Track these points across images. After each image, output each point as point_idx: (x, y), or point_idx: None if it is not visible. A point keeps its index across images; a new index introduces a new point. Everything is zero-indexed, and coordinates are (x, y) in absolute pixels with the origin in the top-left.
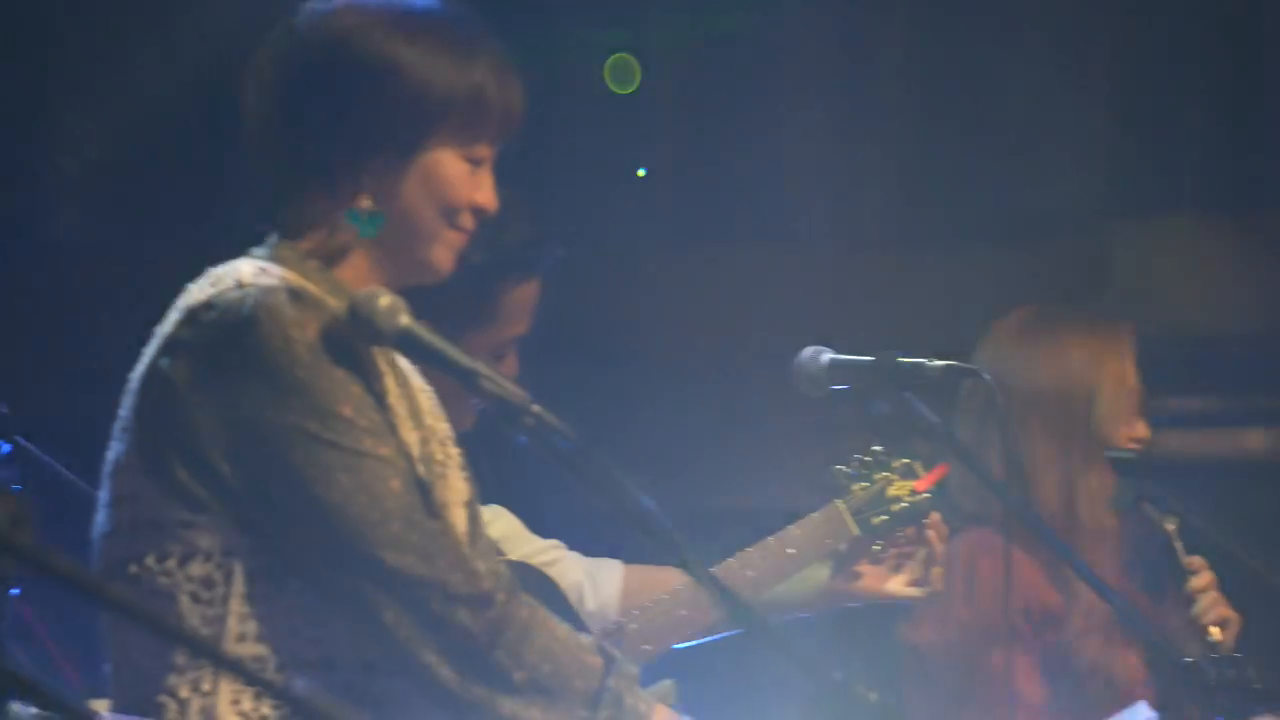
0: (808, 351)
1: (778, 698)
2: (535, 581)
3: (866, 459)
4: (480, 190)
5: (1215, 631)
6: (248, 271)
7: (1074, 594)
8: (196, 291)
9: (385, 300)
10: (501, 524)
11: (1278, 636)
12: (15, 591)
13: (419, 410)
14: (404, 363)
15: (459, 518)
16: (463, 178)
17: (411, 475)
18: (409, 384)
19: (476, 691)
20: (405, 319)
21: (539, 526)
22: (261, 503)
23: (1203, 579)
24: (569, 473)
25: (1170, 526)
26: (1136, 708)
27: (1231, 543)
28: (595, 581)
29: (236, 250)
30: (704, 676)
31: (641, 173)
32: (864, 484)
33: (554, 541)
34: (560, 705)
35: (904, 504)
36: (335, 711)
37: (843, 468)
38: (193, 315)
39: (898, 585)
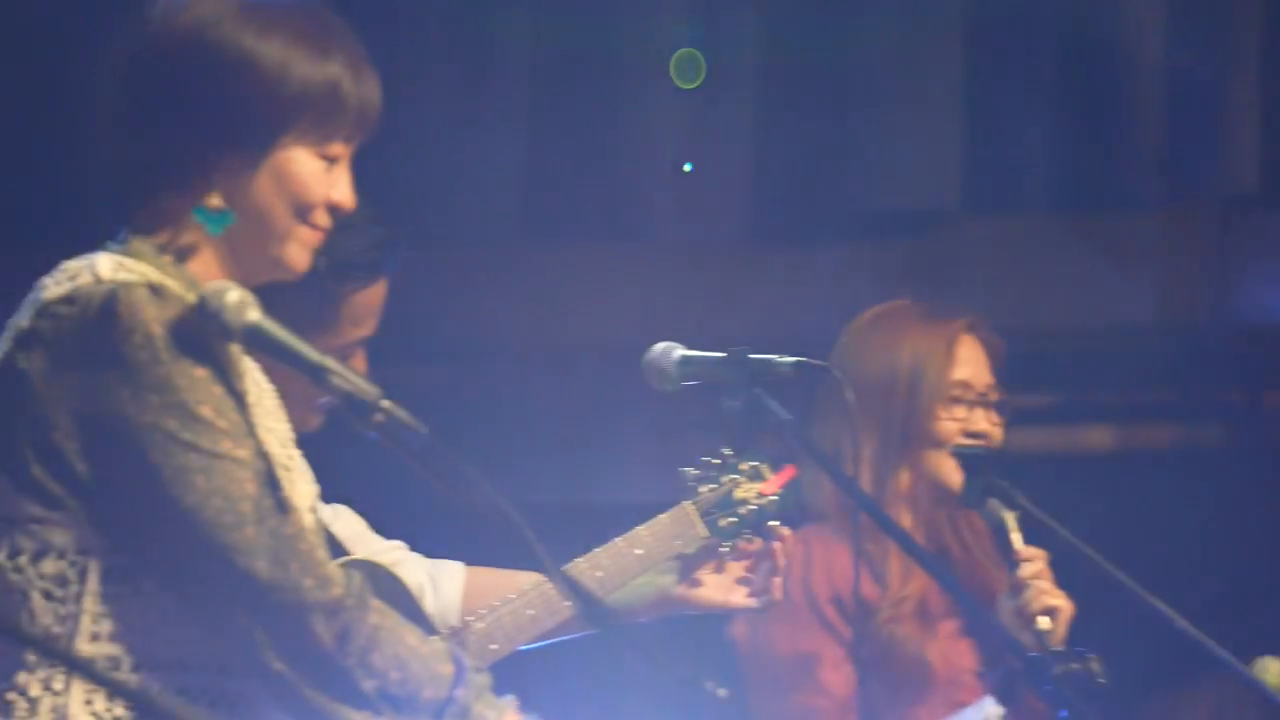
0: (658, 347)
1: (628, 697)
2: (384, 581)
3: (715, 461)
4: (336, 188)
5: (1043, 621)
6: (106, 266)
7: (887, 584)
8: (52, 285)
9: (234, 295)
10: (344, 524)
11: (1119, 632)
12: None
13: (268, 411)
14: (252, 363)
15: (308, 521)
16: (317, 175)
17: (268, 478)
18: (260, 384)
19: (324, 700)
20: (254, 314)
21: (383, 528)
22: (117, 502)
23: (1031, 568)
24: (420, 469)
25: (1008, 517)
26: (982, 703)
27: (1073, 538)
28: (437, 583)
29: (89, 245)
30: (553, 678)
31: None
32: (712, 486)
33: (397, 542)
34: (408, 715)
35: (752, 506)
36: (186, 713)
37: (691, 470)
38: (50, 309)
39: (739, 596)
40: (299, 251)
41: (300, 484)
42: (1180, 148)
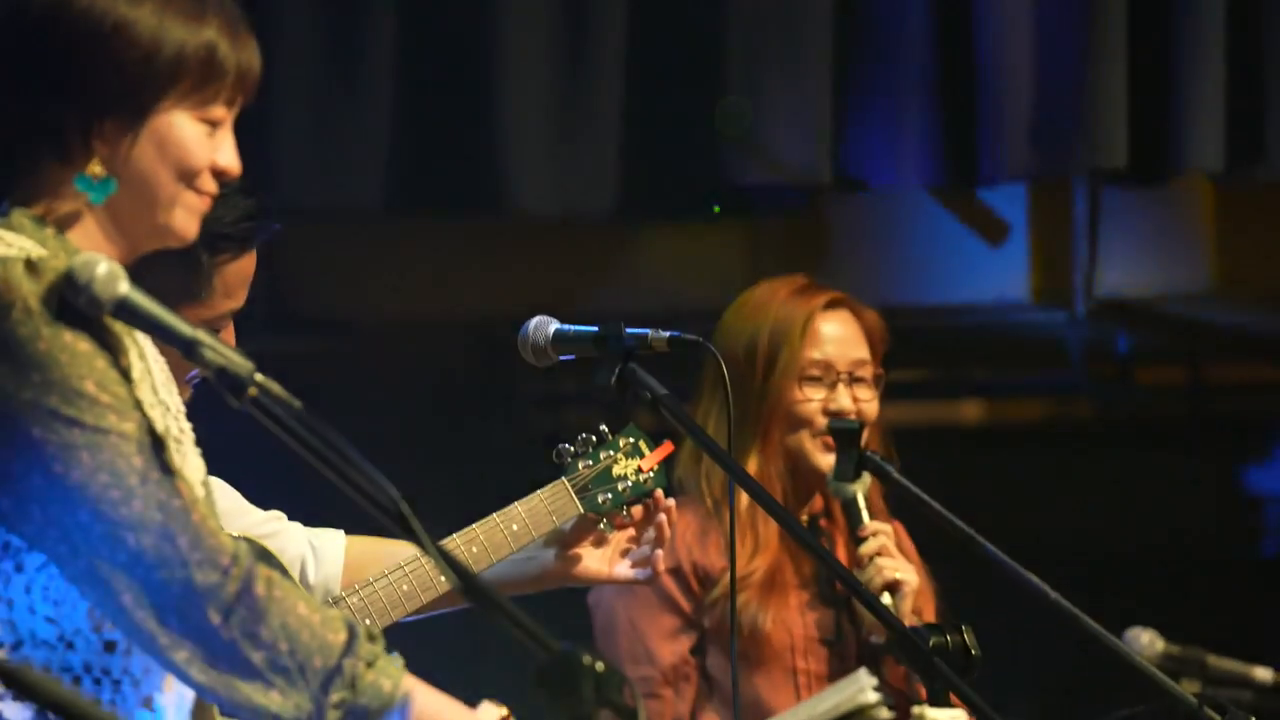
0: (533, 322)
1: (501, 672)
2: (260, 556)
3: (592, 438)
4: (220, 152)
5: (885, 597)
6: None
7: (736, 557)
8: None
9: (103, 268)
10: (218, 497)
11: (990, 605)
12: None
13: (157, 384)
14: (142, 335)
15: (198, 494)
16: (199, 140)
17: (154, 452)
18: (147, 357)
19: (214, 675)
20: (123, 287)
21: (261, 500)
22: (0, 479)
23: (874, 544)
24: (293, 444)
25: (856, 492)
26: (857, 675)
27: (944, 512)
28: (318, 554)
29: None
30: (429, 652)
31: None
32: (589, 462)
33: (275, 513)
34: (299, 685)
35: (629, 482)
36: (65, 692)
37: (568, 446)
38: None
39: (621, 570)
40: (186, 218)
41: (191, 457)
42: (1049, 122)
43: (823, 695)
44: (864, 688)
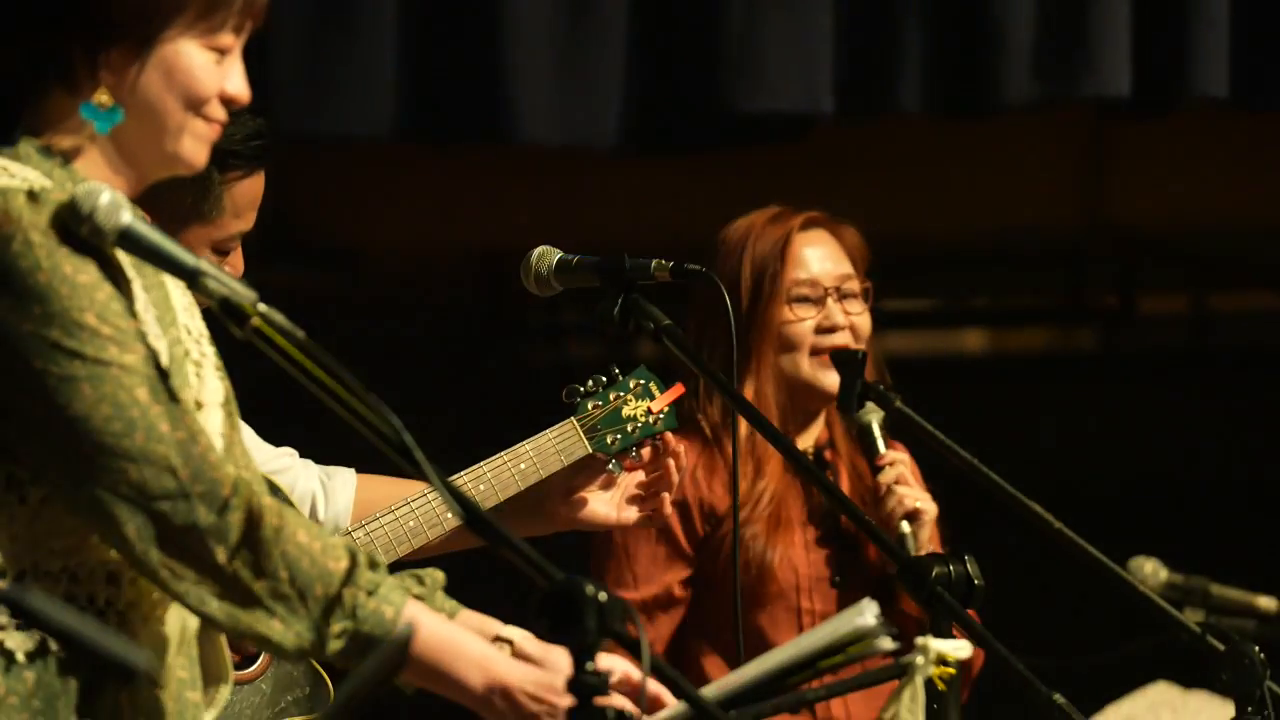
0: (536, 252)
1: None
2: (263, 486)
3: (602, 378)
4: (229, 80)
5: (904, 526)
6: None
7: (741, 490)
8: None
9: (106, 197)
10: None
11: (994, 534)
12: None
13: (172, 310)
14: None
15: (215, 419)
16: (207, 68)
17: (158, 383)
18: (163, 284)
19: (216, 604)
20: (126, 216)
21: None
22: (2, 411)
23: (892, 473)
24: (295, 373)
25: (872, 420)
26: (861, 604)
27: (947, 441)
28: (328, 491)
29: None
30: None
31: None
32: (599, 402)
33: (286, 449)
34: (301, 614)
35: (639, 423)
36: (74, 621)
37: (578, 386)
38: None
39: (629, 513)
40: (194, 146)
41: (211, 380)
42: (1052, 50)
43: (825, 624)
44: (865, 614)
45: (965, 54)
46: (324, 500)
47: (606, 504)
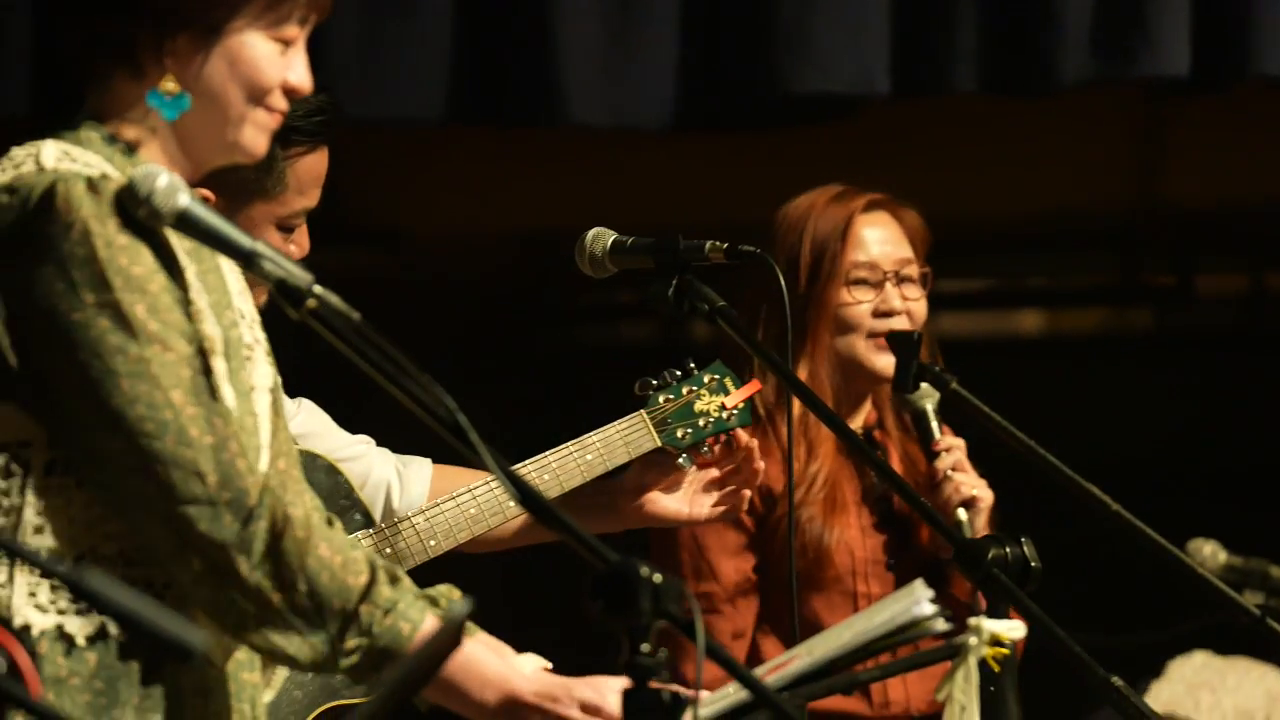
0: (590, 233)
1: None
2: (321, 474)
3: (676, 372)
4: (292, 71)
5: (960, 513)
6: (50, 155)
7: (795, 471)
8: None
9: (163, 180)
10: (305, 418)
11: (1049, 515)
12: None
13: (228, 294)
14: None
15: (263, 403)
16: (271, 58)
17: (197, 383)
18: (219, 267)
19: (232, 614)
20: (183, 199)
21: (352, 424)
22: (50, 396)
23: (950, 459)
24: (351, 355)
25: (927, 405)
26: (913, 586)
27: (1003, 422)
28: (404, 480)
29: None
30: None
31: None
32: (671, 396)
33: (362, 437)
34: (317, 629)
35: (711, 419)
36: (130, 601)
37: (651, 379)
38: None
39: (701, 508)
40: (255, 135)
41: (261, 365)
42: (1110, 29)
43: (879, 606)
44: (919, 599)
45: (1021, 33)
46: (399, 489)
47: (678, 500)
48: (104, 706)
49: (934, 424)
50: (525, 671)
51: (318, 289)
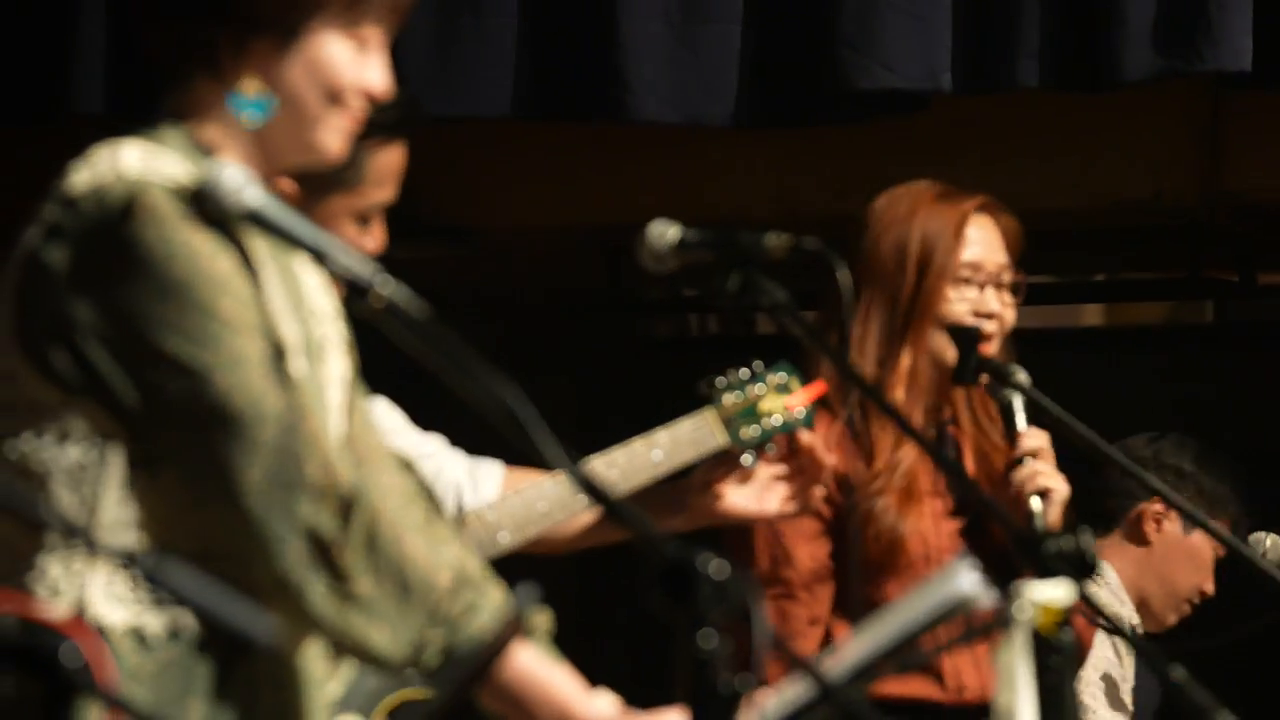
0: (654, 227)
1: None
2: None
3: (742, 371)
4: (370, 72)
5: (1035, 502)
6: (128, 158)
7: (875, 456)
8: (75, 175)
9: (235, 177)
10: (378, 416)
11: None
12: None
13: (303, 289)
14: None
15: (336, 397)
16: (348, 60)
17: (280, 374)
18: (298, 264)
19: (323, 606)
20: (255, 195)
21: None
22: (138, 397)
23: (1029, 445)
24: (422, 353)
25: (1015, 398)
26: (959, 564)
27: (1065, 415)
28: (475, 480)
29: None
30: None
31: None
32: (737, 395)
33: (435, 435)
34: (404, 624)
35: (777, 418)
36: (203, 592)
37: (717, 378)
38: (72, 202)
39: (770, 504)
40: (332, 136)
41: (336, 359)
42: (1173, 24)
43: (923, 588)
44: (962, 577)
45: (1084, 29)
46: (470, 490)
47: (747, 496)
48: (177, 699)
49: (1019, 416)
50: (592, 705)
51: (385, 285)
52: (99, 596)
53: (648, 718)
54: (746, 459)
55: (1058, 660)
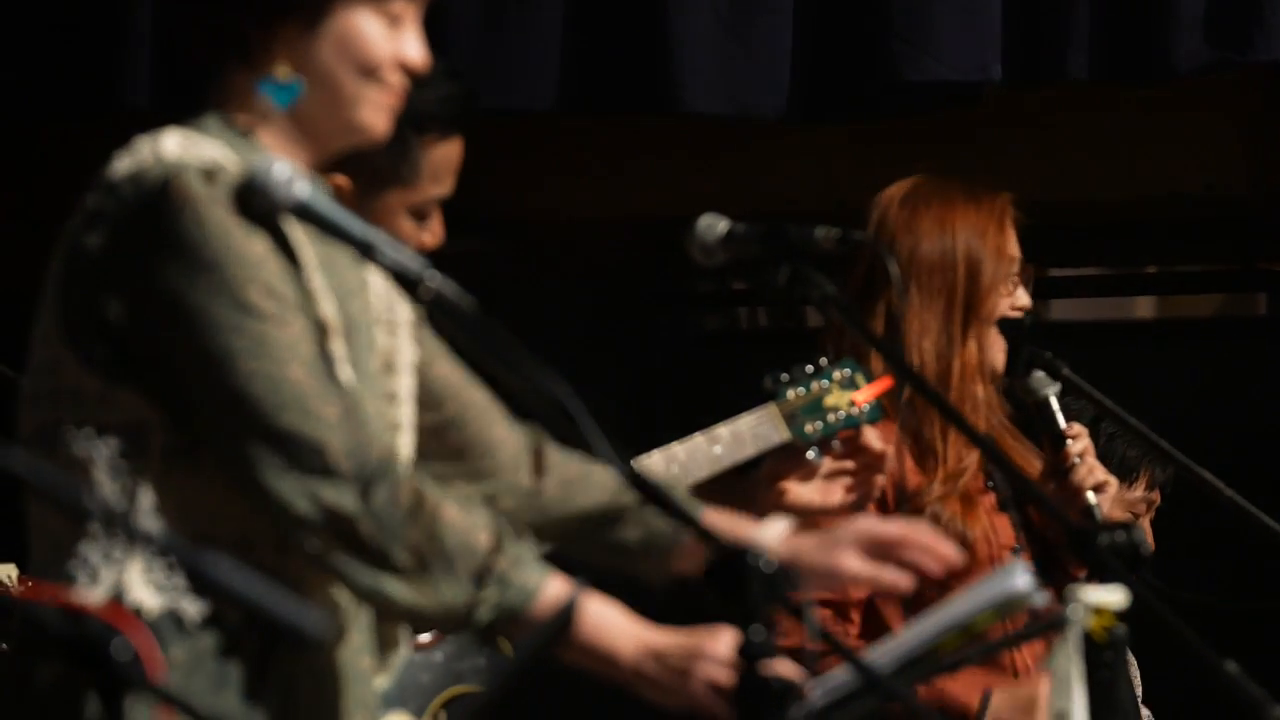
0: (703, 220)
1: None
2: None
3: (806, 367)
4: (404, 45)
5: (1093, 497)
6: (169, 144)
7: (944, 459)
8: (117, 162)
9: (281, 169)
10: None
11: (1161, 502)
12: None
13: (358, 273)
14: None
15: (406, 382)
16: (380, 34)
17: (315, 360)
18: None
19: (361, 575)
20: (300, 189)
21: None
22: (170, 380)
23: (1080, 445)
24: (469, 345)
25: (1051, 393)
26: (1013, 565)
27: (1115, 409)
28: None
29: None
30: None
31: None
32: (801, 390)
33: None
34: (450, 583)
35: (841, 414)
36: (246, 585)
37: (780, 373)
38: (112, 188)
39: (834, 497)
40: (373, 113)
41: (405, 342)
42: (1225, 15)
43: (977, 586)
44: (1016, 576)
45: (1134, 20)
46: None
47: (811, 490)
48: (216, 688)
49: (1058, 413)
50: (658, 632)
51: (433, 278)
52: (137, 583)
53: (704, 635)
54: (812, 454)
55: (1109, 656)
